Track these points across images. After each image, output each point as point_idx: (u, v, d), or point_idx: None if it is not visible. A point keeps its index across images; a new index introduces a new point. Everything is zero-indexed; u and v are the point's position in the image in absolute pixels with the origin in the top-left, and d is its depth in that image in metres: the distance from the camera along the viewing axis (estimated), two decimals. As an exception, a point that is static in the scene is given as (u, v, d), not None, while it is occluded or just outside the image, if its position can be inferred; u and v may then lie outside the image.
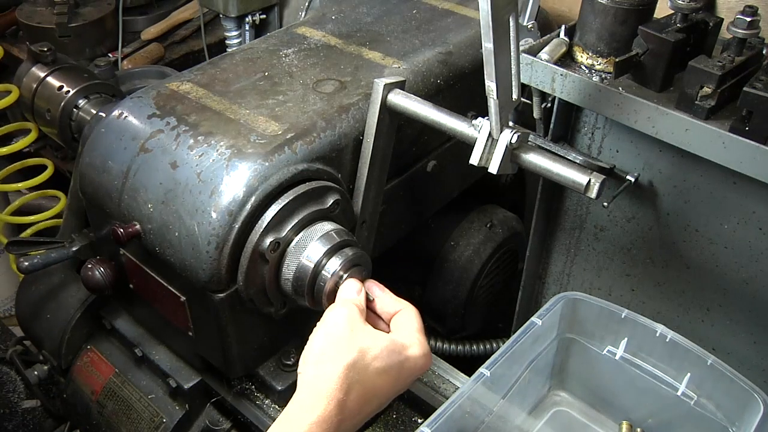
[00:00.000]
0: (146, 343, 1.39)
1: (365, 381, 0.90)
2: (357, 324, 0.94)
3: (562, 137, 1.31)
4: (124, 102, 1.26)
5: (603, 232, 1.38)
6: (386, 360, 0.92)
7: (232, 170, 1.08)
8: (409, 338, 0.96)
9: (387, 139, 1.24)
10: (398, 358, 0.93)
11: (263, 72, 1.32)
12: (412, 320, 0.99)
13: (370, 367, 0.91)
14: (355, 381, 0.89)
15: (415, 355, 0.95)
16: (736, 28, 1.05)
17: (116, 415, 1.41)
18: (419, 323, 0.99)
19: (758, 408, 0.98)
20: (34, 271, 1.37)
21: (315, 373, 0.90)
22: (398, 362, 0.93)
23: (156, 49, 2.38)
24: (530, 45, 1.23)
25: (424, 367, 0.96)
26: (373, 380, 0.91)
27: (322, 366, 0.90)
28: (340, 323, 0.94)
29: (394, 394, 0.96)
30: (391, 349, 0.93)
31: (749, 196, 1.14)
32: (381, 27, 1.51)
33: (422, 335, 0.97)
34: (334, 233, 1.09)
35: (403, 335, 0.96)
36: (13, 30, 2.41)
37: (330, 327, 0.94)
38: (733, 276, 1.22)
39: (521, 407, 1.20)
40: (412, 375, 0.96)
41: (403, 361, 0.94)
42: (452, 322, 1.73)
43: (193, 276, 1.09)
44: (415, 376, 0.97)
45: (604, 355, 1.16)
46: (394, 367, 0.93)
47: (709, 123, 1.05)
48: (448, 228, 1.70)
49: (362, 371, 0.90)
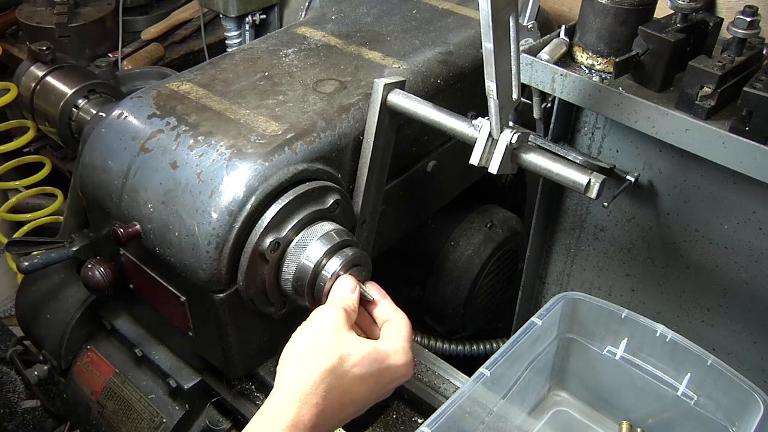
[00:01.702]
0: (146, 343, 1.39)
1: (343, 387, 0.90)
2: (341, 329, 0.94)
3: (562, 137, 1.31)
4: (124, 102, 1.26)
5: (603, 232, 1.38)
6: (366, 367, 0.92)
7: (232, 170, 1.08)
8: (393, 346, 0.96)
9: (387, 139, 1.24)
10: (378, 366, 0.93)
11: (263, 72, 1.32)
12: (401, 329, 0.99)
13: (349, 374, 0.91)
14: (333, 386, 0.89)
15: (396, 363, 0.95)
16: (736, 28, 1.05)
17: (116, 415, 1.41)
18: (407, 333, 0.99)
19: (758, 408, 0.98)
20: (34, 271, 1.37)
21: (293, 374, 0.90)
22: (378, 370, 0.93)
23: (156, 49, 2.38)
24: (530, 45, 1.23)
25: (405, 376, 0.97)
26: (350, 386, 0.91)
27: (300, 368, 0.90)
28: (324, 326, 0.94)
29: (373, 401, 0.97)
30: (372, 357, 0.93)
31: (749, 196, 1.14)
32: (381, 27, 1.51)
33: (408, 344, 0.98)
34: (334, 233, 1.09)
35: (387, 343, 0.96)
36: (13, 30, 2.41)
37: (314, 328, 0.94)
38: (733, 276, 1.22)
39: (521, 407, 1.20)
40: (392, 383, 0.97)
41: (383, 369, 0.94)
42: (452, 322, 1.73)
43: (193, 276, 1.09)
44: (395, 384, 0.98)
45: (604, 355, 1.16)
46: (373, 375, 0.93)
47: (709, 123, 1.05)
48: (448, 228, 1.70)
49: (341, 377, 0.90)
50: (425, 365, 1.31)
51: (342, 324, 0.94)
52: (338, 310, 0.97)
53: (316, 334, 0.93)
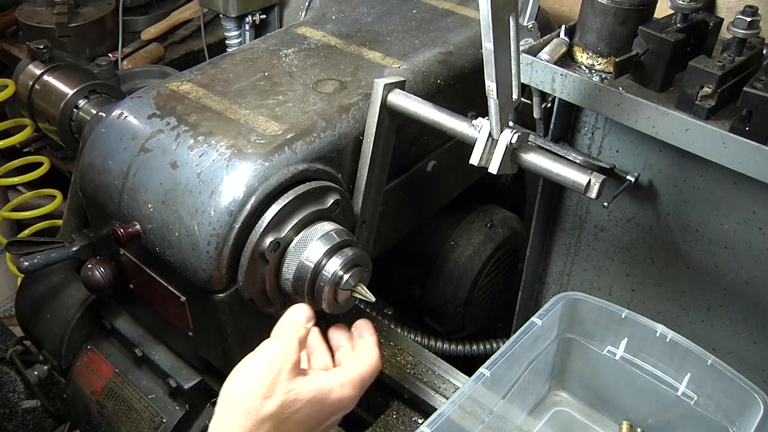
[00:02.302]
0: (146, 343, 1.39)
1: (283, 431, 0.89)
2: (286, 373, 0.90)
3: (562, 137, 1.31)
4: (124, 102, 1.26)
5: (603, 232, 1.38)
6: (309, 410, 0.91)
7: (232, 170, 1.08)
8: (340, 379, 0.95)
9: (387, 139, 1.24)
10: (320, 406, 0.92)
11: (263, 72, 1.32)
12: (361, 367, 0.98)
13: (290, 420, 0.89)
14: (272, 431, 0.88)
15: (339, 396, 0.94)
16: (736, 28, 1.05)
17: (116, 415, 1.41)
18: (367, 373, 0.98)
19: (758, 408, 0.98)
20: (34, 271, 1.37)
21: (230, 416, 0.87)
22: (319, 409, 0.93)
23: (156, 49, 2.38)
24: (530, 45, 1.23)
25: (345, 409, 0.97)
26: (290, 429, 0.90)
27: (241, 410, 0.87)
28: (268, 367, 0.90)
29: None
30: (316, 399, 0.91)
31: (749, 196, 1.14)
32: (381, 27, 1.51)
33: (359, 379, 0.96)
34: (334, 233, 1.09)
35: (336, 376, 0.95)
36: (14, 30, 2.42)
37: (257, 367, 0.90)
38: (733, 276, 1.22)
39: (521, 407, 1.20)
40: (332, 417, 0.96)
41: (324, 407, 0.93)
42: (452, 322, 1.73)
43: (193, 276, 1.09)
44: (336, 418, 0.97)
45: (604, 355, 1.16)
46: (313, 416, 0.92)
47: (709, 123, 1.05)
48: (448, 228, 1.70)
49: (280, 424, 0.89)
50: (425, 365, 1.31)
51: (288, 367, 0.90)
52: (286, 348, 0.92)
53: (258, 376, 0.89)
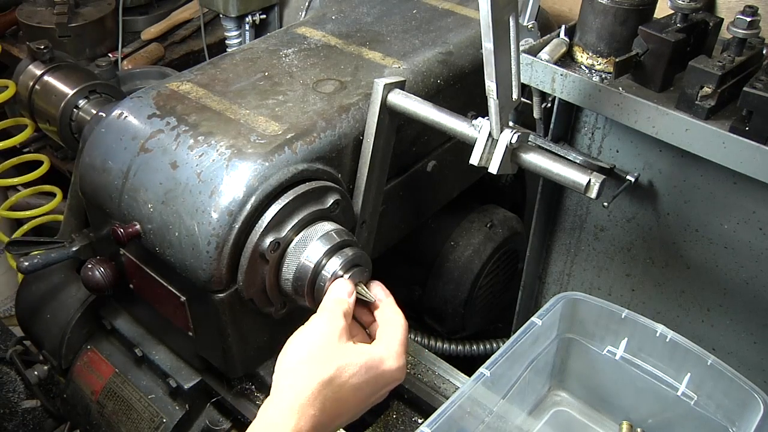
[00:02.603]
0: (146, 343, 1.39)
1: (339, 397, 0.91)
2: (338, 338, 0.94)
3: (562, 137, 1.31)
4: (124, 102, 1.26)
5: (603, 232, 1.38)
6: (363, 376, 0.93)
7: (232, 170, 1.08)
8: (388, 351, 0.97)
9: (387, 139, 1.24)
10: (374, 373, 0.94)
11: (263, 72, 1.32)
12: (398, 334, 1.00)
13: (346, 385, 0.91)
14: (329, 397, 0.90)
15: (390, 368, 0.96)
16: (736, 28, 1.05)
17: (116, 415, 1.41)
18: (403, 337, 1.00)
19: (758, 408, 0.98)
20: (34, 271, 1.37)
21: (290, 383, 0.90)
22: (373, 377, 0.94)
23: (156, 49, 2.38)
24: (530, 45, 1.23)
25: (398, 380, 0.98)
26: (347, 396, 0.92)
27: (297, 378, 0.90)
28: (321, 335, 0.94)
29: (368, 406, 0.98)
30: (368, 365, 0.94)
31: (749, 196, 1.14)
32: (381, 27, 1.51)
33: (402, 348, 0.98)
34: (334, 233, 1.09)
35: (383, 348, 0.97)
36: (14, 30, 2.42)
37: (311, 336, 0.94)
38: (733, 276, 1.22)
39: (521, 407, 1.20)
40: (386, 387, 0.98)
41: (378, 376, 0.95)
42: (452, 322, 1.73)
43: (193, 276, 1.09)
44: (389, 388, 0.99)
45: (604, 355, 1.16)
46: (368, 383, 0.94)
47: (709, 123, 1.05)
48: (448, 228, 1.70)
49: (338, 389, 0.91)
50: (425, 365, 1.31)
51: (339, 333, 0.95)
52: (335, 317, 0.97)
53: (313, 343, 0.93)
